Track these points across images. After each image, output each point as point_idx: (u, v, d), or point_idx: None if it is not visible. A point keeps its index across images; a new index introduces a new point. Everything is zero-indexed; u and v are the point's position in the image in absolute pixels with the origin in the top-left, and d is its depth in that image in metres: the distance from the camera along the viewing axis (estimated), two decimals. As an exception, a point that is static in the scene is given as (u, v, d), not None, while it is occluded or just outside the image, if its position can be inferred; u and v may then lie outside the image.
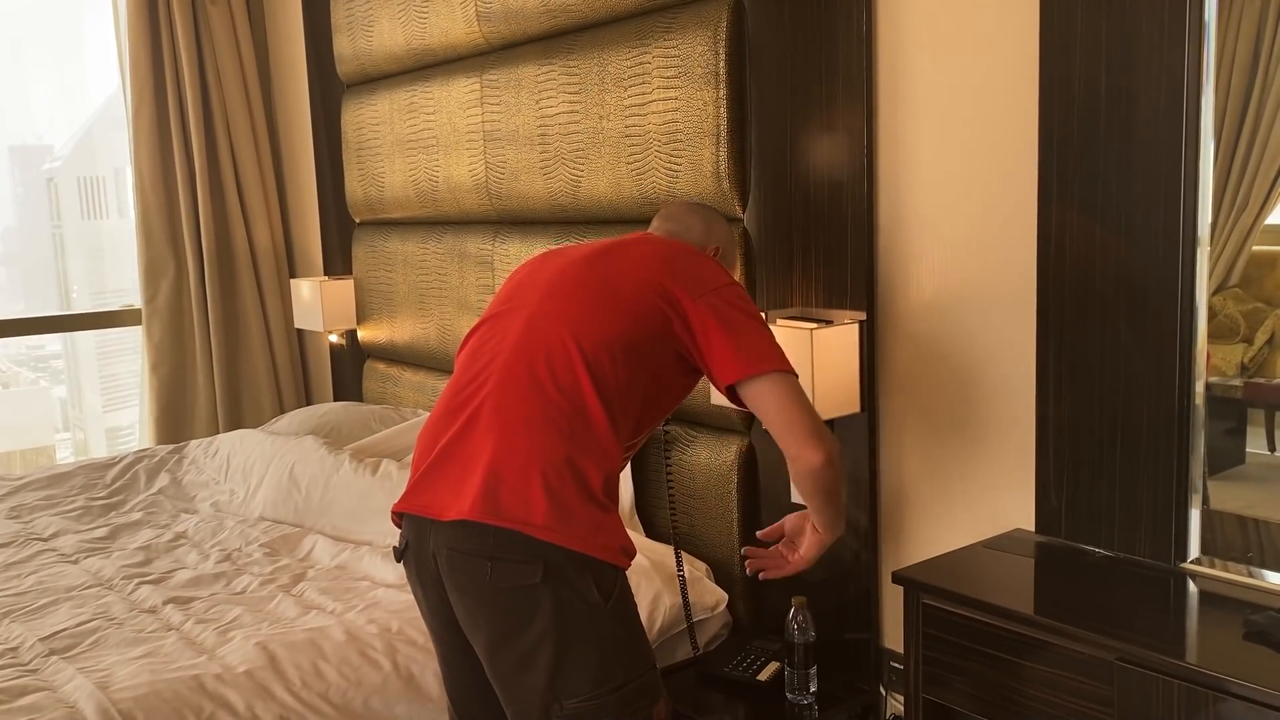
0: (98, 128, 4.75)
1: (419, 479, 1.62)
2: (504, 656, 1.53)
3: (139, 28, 3.88)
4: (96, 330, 4.42)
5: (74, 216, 4.79)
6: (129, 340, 4.52)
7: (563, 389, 1.57)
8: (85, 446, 5.09)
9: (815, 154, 2.15)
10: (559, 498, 1.51)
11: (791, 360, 2.00)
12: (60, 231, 4.81)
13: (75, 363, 5.13)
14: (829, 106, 2.12)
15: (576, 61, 2.63)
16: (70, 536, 2.66)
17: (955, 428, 2.03)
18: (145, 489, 3.04)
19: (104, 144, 4.69)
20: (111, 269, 4.75)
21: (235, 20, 4.07)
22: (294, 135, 4.16)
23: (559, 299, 1.67)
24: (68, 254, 4.75)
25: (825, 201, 2.15)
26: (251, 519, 2.71)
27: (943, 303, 2.02)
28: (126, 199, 4.72)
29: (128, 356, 4.67)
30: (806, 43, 2.13)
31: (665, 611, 2.18)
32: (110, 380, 4.90)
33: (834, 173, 2.12)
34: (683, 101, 2.35)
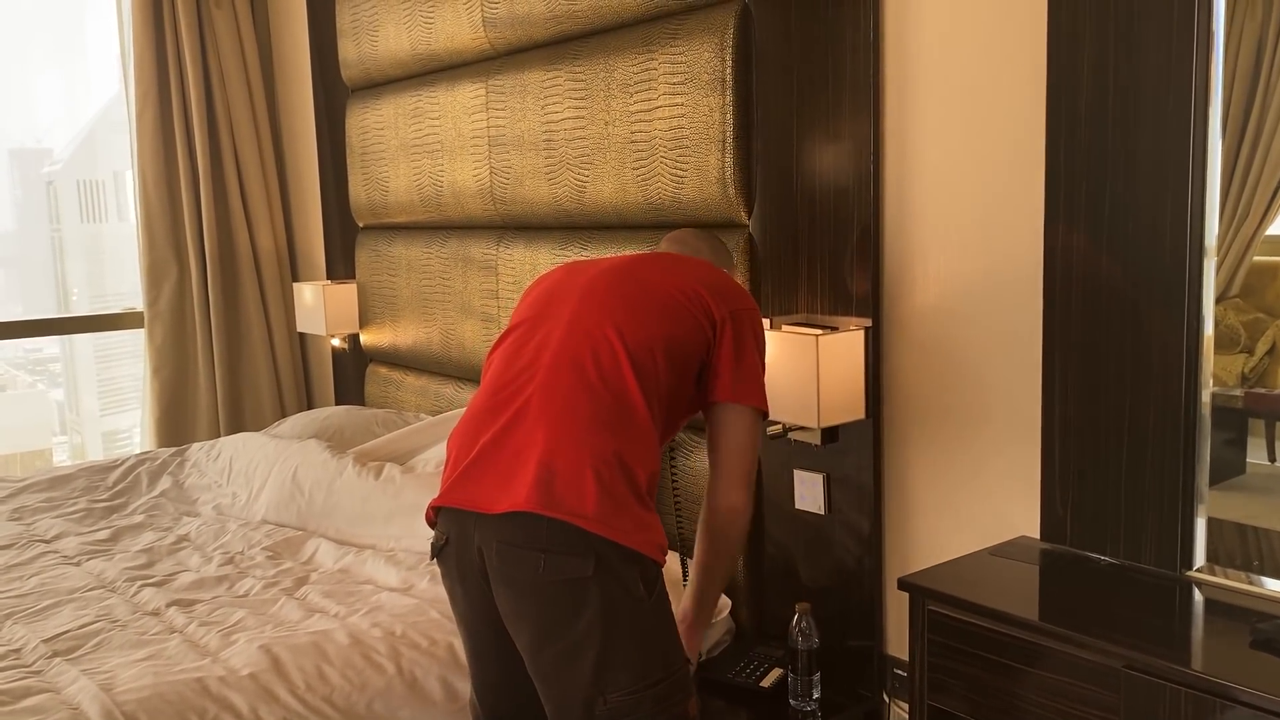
0: (98, 131, 4.76)
1: (462, 473, 1.61)
2: (549, 649, 1.54)
3: (143, 30, 3.88)
4: (96, 334, 4.42)
5: (73, 220, 4.80)
6: (127, 343, 4.52)
7: (609, 385, 1.60)
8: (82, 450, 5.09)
9: (821, 161, 2.16)
10: (610, 491, 1.52)
11: (797, 368, 2.01)
12: (59, 235, 4.81)
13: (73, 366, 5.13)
14: (835, 113, 2.12)
15: (583, 67, 2.64)
16: (72, 539, 2.65)
17: (960, 434, 2.04)
18: (147, 491, 3.03)
19: (104, 147, 4.70)
20: (110, 272, 4.75)
21: (239, 23, 4.07)
22: (298, 139, 4.16)
23: (600, 300, 1.70)
24: (66, 257, 4.75)
25: (831, 208, 2.15)
26: (254, 522, 2.71)
27: (948, 310, 2.03)
28: (126, 202, 4.73)
29: (126, 360, 4.67)
30: (813, 50, 2.14)
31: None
32: (108, 384, 4.90)
33: (840, 179, 2.13)
34: (689, 108, 2.35)
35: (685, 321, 1.70)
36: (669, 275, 1.76)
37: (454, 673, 1.95)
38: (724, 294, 1.76)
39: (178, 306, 4.05)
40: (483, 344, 3.13)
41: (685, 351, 1.69)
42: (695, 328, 1.71)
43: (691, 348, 1.70)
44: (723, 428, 1.73)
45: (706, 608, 1.83)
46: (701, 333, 1.71)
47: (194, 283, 4.03)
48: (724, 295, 1.76)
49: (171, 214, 4.01)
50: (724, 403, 1.72)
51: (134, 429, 4.84)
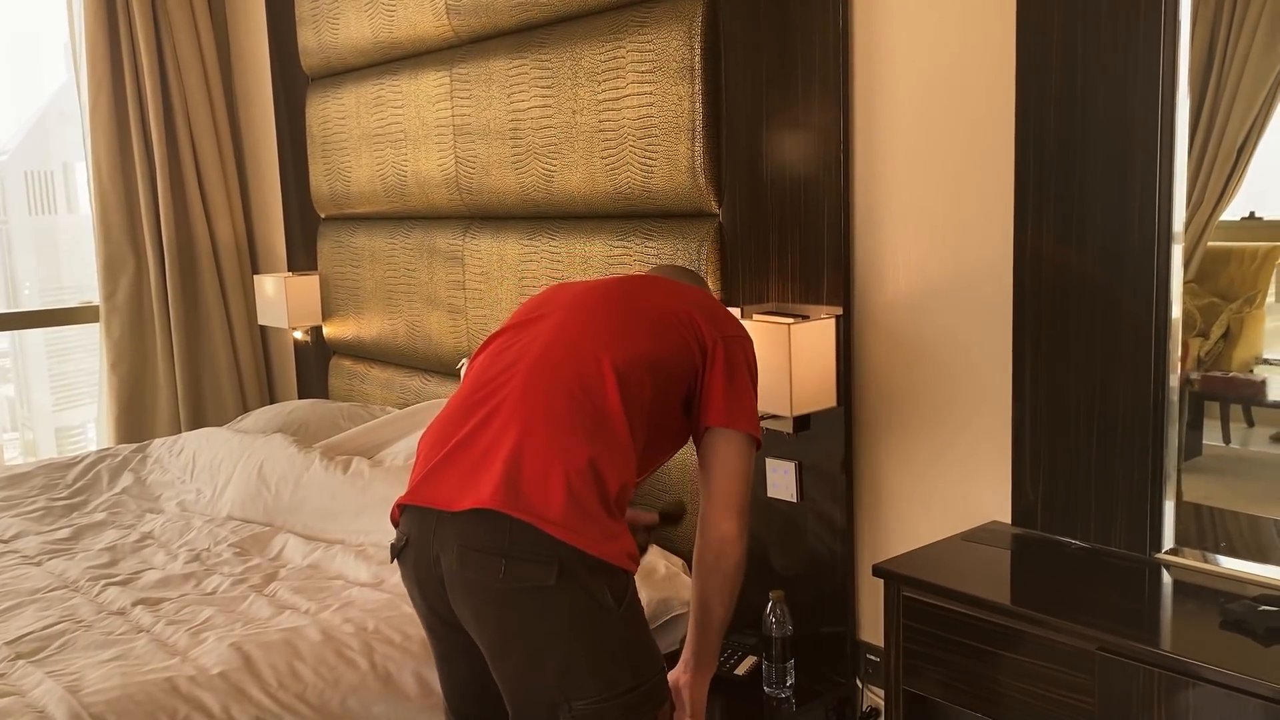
0: (47, 121, 4.65)
1: (429, 472, 1.57)
2: (512, 655, 1.51)
3: (95, 17, 3.79)
4: (48, 328, 4.33)
5: (21, 212, 4.68)
6: (79, 338, 4.43)
7: (589, 392, 1.56)
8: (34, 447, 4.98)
9: (791, 149, 2.16)
10: (578, 498, 1.48)
11: (769, 356, 2.01)
12: (7, 227, 4.70)
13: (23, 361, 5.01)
14: (805, 102, 2.12)
15: (549, 55, 2.61)
16: (32, 538, 2.60)
17: (931, 422, 2.05)
18: (108, 489, 2.98)
19: (53, 138, 4.59)
20: (62, 265, 4.65)
21: (195, 11, 3.99)
22: (256, 129, 4.10)
23: (589, 312, 1.67)
24: (14, 250, 4.64)
25: (801, 197, 2.15)
26: (219, 518, 2.67)
27: (918, 298, 2.04)
28: (76, 194, 4.63)
29: (78, 354, 4.58)
30: (782, 37, 2.14)
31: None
32: (60, 379, 4.80)
33: (810, 168, 2.13)
34: (658, 96, 2.34)
35: (674, 342, 1.66)
36: (663, 297, 1.73)
37: (428, 667, 1.94)
38: (717, 320, 1.73)
39: (135, 300, 3.97)
40: (449, 336, 3.10)
41: (671, 371, 1.65)
42: (684, 349, 1.67)
43: (678, 369, 1.66)
44: (714, 453, 1.68)
45: (707, 652, 1.73)
46: (690, 355, 1.67)
47: (152, 276, 3.96)
48: (717, 321, 1.73)
49: (127, 206, 3.93)
50: (716, 428, 1.68)
51: (88, 424, 4.74)
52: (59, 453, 4.71)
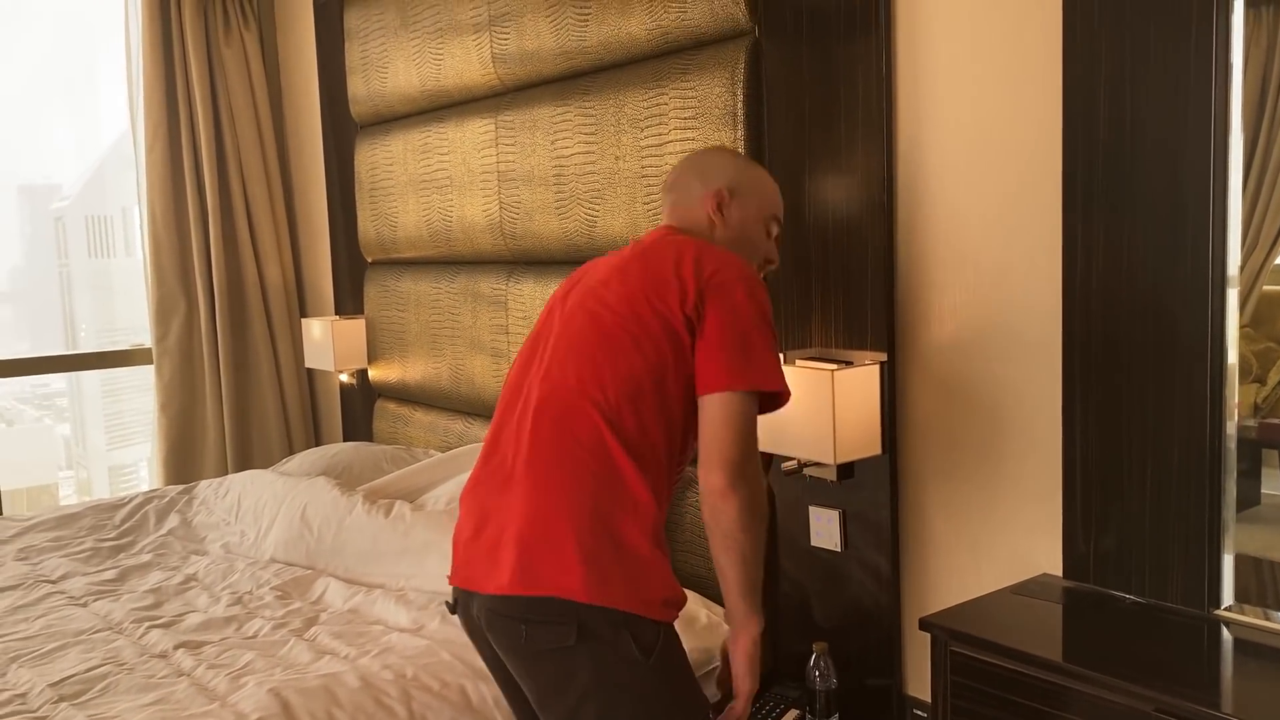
0: (107, 167, 4.78)
1: (459, 552, 1.64)
2: (552, 710, 1.54)
3: (153, 67, 3.90)
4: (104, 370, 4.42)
5: (81, 255, 4.81)
6: (134, 378, 4.51)
7: (583, 443, 1.54)
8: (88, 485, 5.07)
9: (834, 193, 2.15)
10: (593, 556, 1.48)
11: (813, 403, 1.98)
12: (67, 269, 4.82)
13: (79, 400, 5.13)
14: (848, 146, 2.11)
15: (592, 103, 2.63)
16: (79, 579, 2.62)
17: (979, 470, 2.01)
18: (155, 530, 3.01)
19: (113, 183, 4.72)
20: (118, 307, 4.76)
21: (249, 60, 4.10)
22: (306, 175, 4.17)
23: (566, 350, 1.63)
24: (74, 292, 4.77)
25: (844, 241, 2.14)
26: (263, 561, 2.68)
27: (965, 343, 2.01)
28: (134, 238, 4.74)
29: (131, 394, 4.66)
30: (825, 82, 2.14)
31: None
32: (114, 418, 4.89)
33: (853, 212, 2.12)
34: (700, 142, 2.35)
35: (648, 350, 1.59)
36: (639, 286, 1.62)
37: (466, 716, 1.92)
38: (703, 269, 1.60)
39: (186, 342, 4.04)
40: (492, 379, 3.11)
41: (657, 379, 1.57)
42: (660, 351, 1.58)
43: (665, 371, 1.58)
44: (702, 419, 1.59)
45: (734, 615, 1.62)
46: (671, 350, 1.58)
47: (202, 318, 4.03)
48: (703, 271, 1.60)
49: (180, 250, 4.01)
50: (702, 398, 1.58)
51: (140, 463, 4.82)
52: (112, 490, 4.79)
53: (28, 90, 4.23)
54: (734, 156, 1.86)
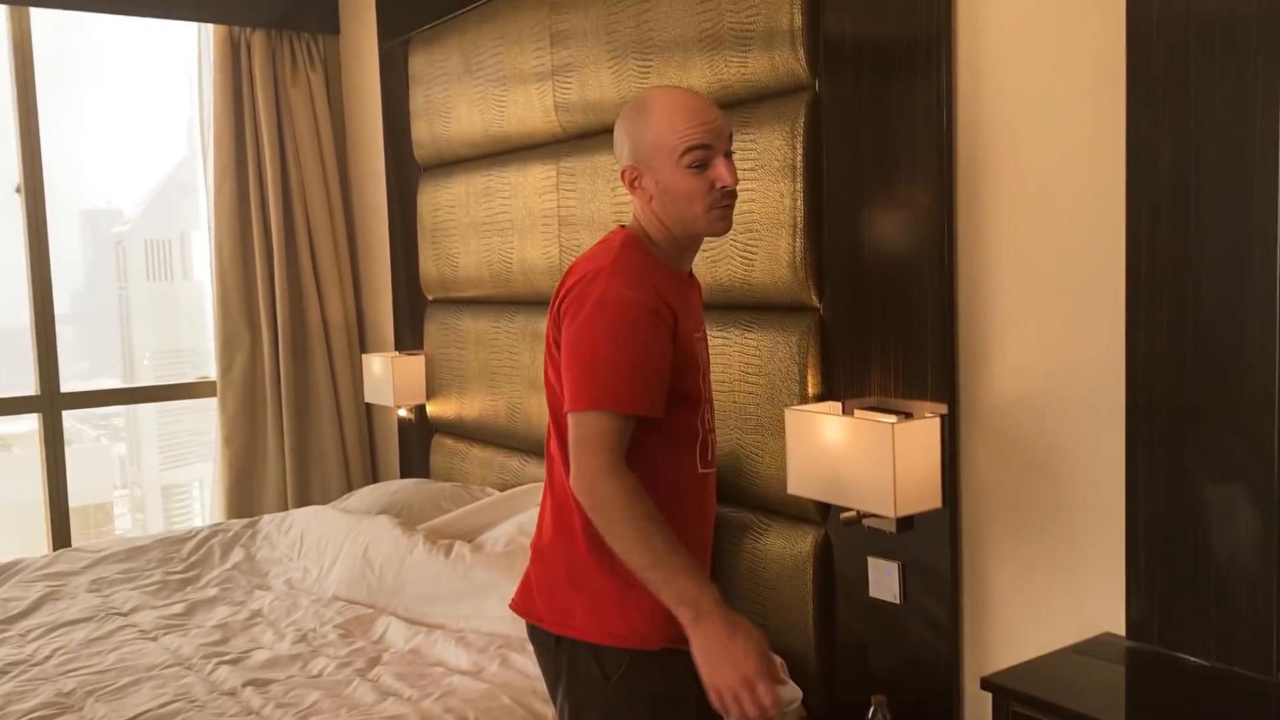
0: (166, 192, 4.92)
1: None
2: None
3: (223, 107, 4.04)
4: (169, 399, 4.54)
5: (140, 278, 4.95)
6: (188, 400, 4.63)
7: (553, 475, 1.69)
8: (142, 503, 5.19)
9: (893, 244, 2.17)
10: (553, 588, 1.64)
11: (872, 454, 1.99)
12: (126, 293, 4.96)
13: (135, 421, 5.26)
14: (907, 197, 2.13)
15: (652, 151, 2.68)
16: (149, 612, 2.70)
17: (1040, 526, 2.00)
18: (220, 564, 3.08)
19: (172, 208, 4.86)
20: (174, 330, 4.90)
21: (315, 102, 4.21)
22: (368, 214, 4.27)
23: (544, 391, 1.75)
24: (133, 315, 4.90)
25: (904, 292, 2.15)
26: (325, 598, 2.74)
27: (1026, 398, 2.01)
28: (191, 262, 4.90)
29: (186, 415, 4.78)
30: (884, 131, 2.16)
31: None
32: (168, 439, 5.00)
33: (913, 263, 2.13)
34: (759, 193, 2.38)
35: (552, 378, 1.65)
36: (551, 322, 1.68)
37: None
38: (554, 303, 1.65)
39: (250, 376, 4.14)
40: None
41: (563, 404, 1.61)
42: (556, 377, 1.62)
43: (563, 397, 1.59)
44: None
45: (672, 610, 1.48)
46: (558, 380, 1.60)
47: (266, 353, 4.13)
48: (554, 304, 1.65)
49: (245, 286, 4.12)
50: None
51: (192, 484, 4.95)
52: (165, 510, 4.91)
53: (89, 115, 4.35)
54: (625, 118, 1.65)
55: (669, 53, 2.60)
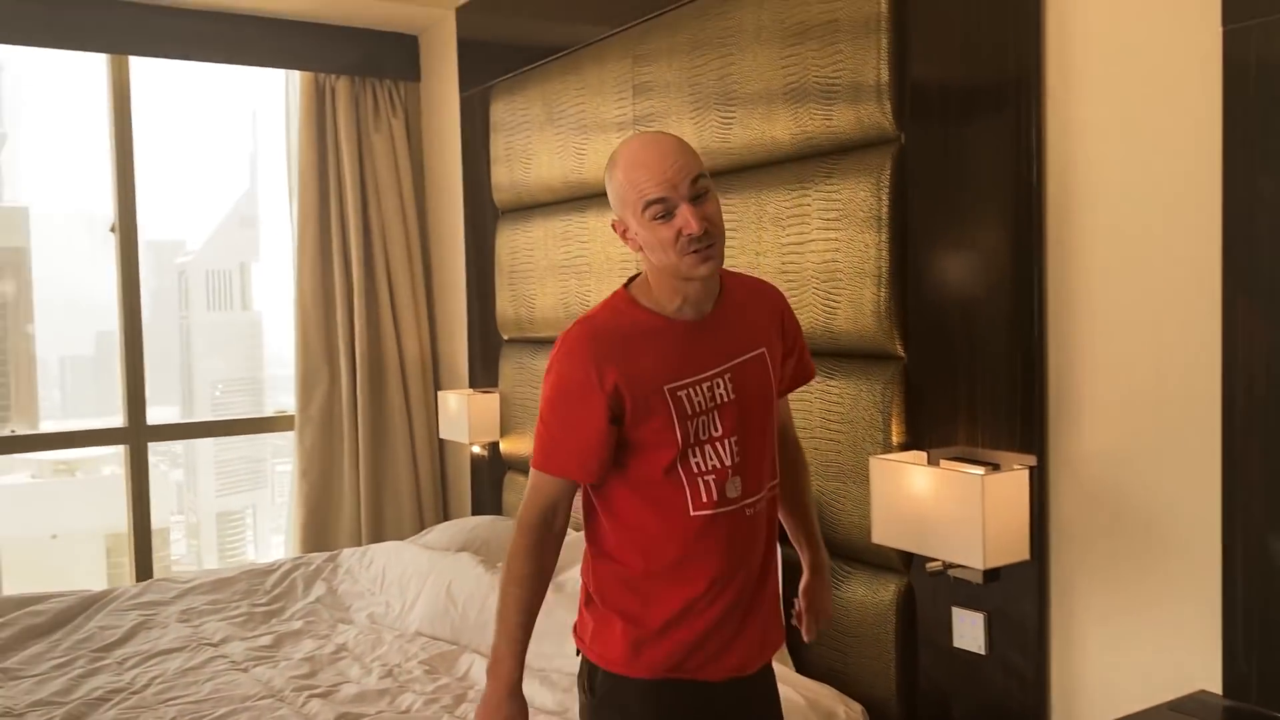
0: (228, 225, 5.09)
1: None
2: None
3: (308, 150, 4.18)
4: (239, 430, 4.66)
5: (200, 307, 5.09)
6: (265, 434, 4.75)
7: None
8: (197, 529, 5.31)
9: (979, 292, 2.18)
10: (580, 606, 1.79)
11: (958, 504, 2.01)
12: (188, 321, 5.12)
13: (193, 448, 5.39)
14: (994, 244, 2.15)
15: (733, 200, 2.73)
16: (238, 643, 2.77)
17: (1132, 580, 1.99)
18: (303, 597, 3.15)
19: (233, 240, 5.02)
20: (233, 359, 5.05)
21: (396, 147, 4.34)
22: (445, 255, 4.38)
23: None
24: (193, 342, 5.04)
25: (991, 342, 2.17)
26: (408, 634, 2.79)
27: (1118, 450, 2.01)
28: (251, 292, 5.06)
29: (240, 444, 4.91)
30: (971, 180, 2.18)
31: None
32: (224, 466, 5.13)
33: (1000, 312, 2.15)
34: (843, 243, 2.41)
35: None
36: None
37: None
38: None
39: (328, 412, 4.25)
40: (625, 460, 3.19)
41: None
42: None
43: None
44: None
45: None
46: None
47: (344, 389, 4.23)
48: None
49: (325, 324, 4.24)
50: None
51: (246, 511, 5.08)
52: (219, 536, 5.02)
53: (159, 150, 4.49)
54: (606, 174, 1.71)
55: (752, 105, 2.65)
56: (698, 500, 1.70)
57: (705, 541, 1.72)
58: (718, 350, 1.74)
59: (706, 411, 1.71)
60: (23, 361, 4.60)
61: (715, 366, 1.73)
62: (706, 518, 1.71)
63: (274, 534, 5.40)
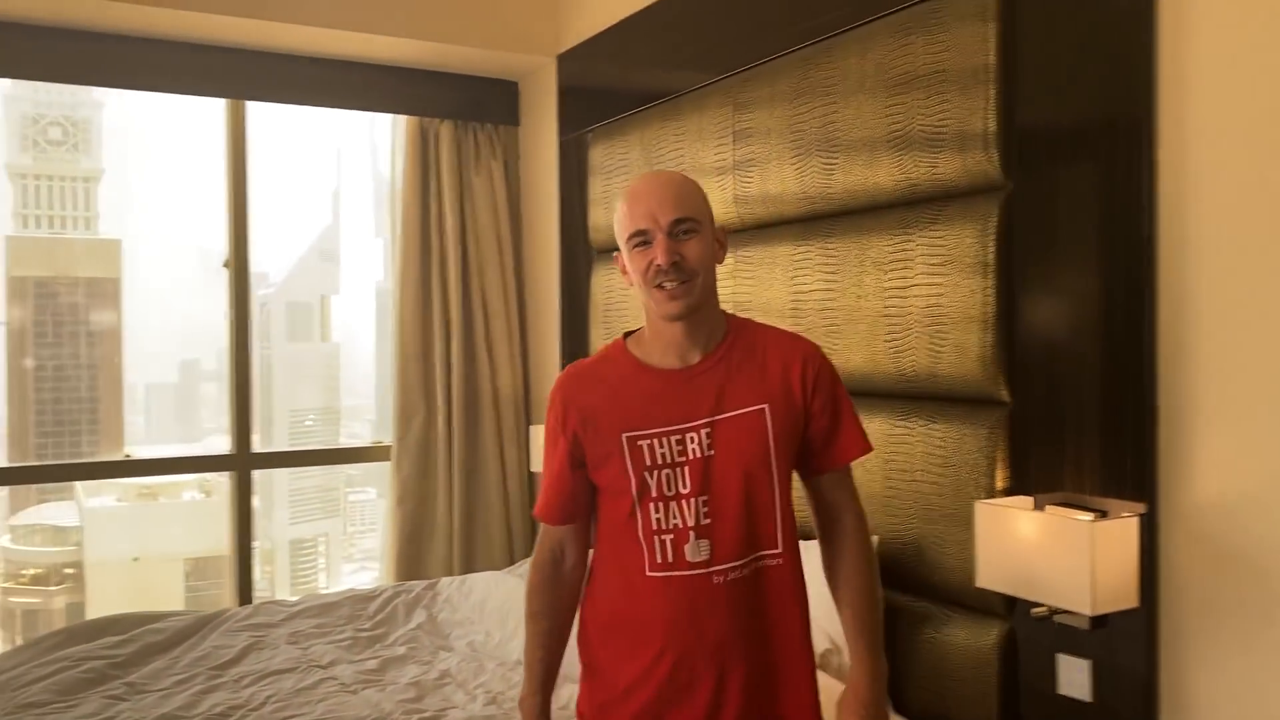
0: (308, 259, 5.27)
1: None
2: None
3: (412, 191, 4.35)
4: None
5: (281, 339, 5.26)
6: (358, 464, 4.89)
7: None
8: (271, 556, 5.46)
9: (1090, 341, 2.19)
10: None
11: (1065, 551, 2.02)
12: (268, 353, 5.29)
13: (269, 476, 5.56)
14: (1106, 294, 2.16)
15: (835, 244, 2.78)
16: (346, 666, 2.87)
17: (1249, 632, 1.97)
18: (404, 624, 3.25)
19: (313, 274, 5.20)
20: (311, 391, 5.20)
21: (495, 188, 4.49)
22: (539, 293, 4.49)
23: None
24: (274, 374, 5.20)
25: (1099, 388, 2.17)
26: (510, 662, 2.86)
27: (1231, 501, 2.00)
28: (330, 324, 5.22)
29: (314, 473, 5.06)
30: (1081, 223, 2.20)
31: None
32: (297, 494, 5.26)
33: (1110, 360, 2.15)
34: (948, 288, 2.45)
35: None
36: None
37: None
38: None
39: (424, 443, 4.37)
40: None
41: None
42: None
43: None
44: None
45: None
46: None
47: (439, 421, 4.36)
48: None
49: (424, 357, 4.38)
50: None
51: (319, 539, 5.22)
52: (292, 564, 5.16)
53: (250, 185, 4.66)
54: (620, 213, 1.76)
55: (855, 151, 2.71)
56: (653, 560, 1.64)
57: (658, 605, 1.64)
58: (698, 402, 1.66)
59: (671, 465, 1.64)
60: (111, 388, 4.82)
61: (691, 420, 1.65)
62: (660, 580, 1.63)
63: (346, 563, 5.54)
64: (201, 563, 5.14)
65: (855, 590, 1.75)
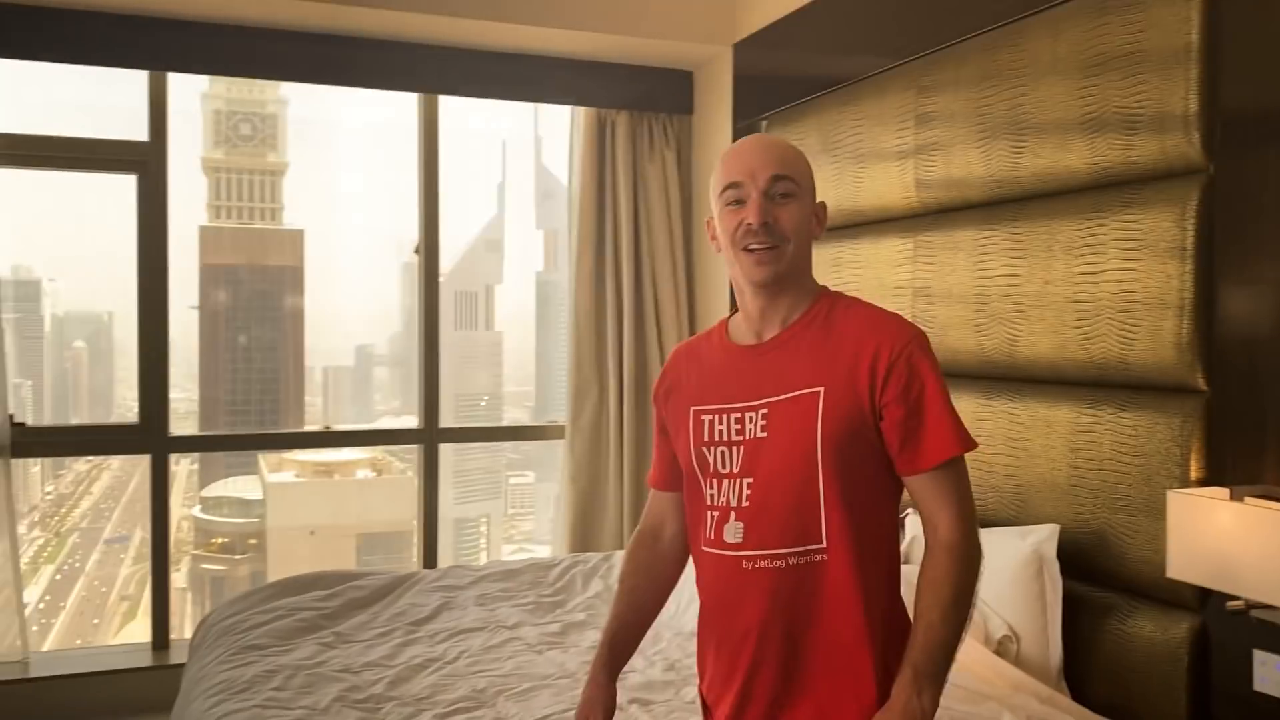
0: (476, 249, 5.49)
1: None
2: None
3: (589, 181, 4.50)
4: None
5: (449, 326, 5.50)
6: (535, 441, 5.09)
7: None
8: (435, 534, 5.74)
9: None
10: None
11: (1268, 543, 1.97)
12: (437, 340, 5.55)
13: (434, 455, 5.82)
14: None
15: (1021, 229, 2.75)
16: (530, 628, 3.03)
17: None
18: (582, 591, 3.39)
19: (480, 264, 5.42)
20: (475, 376, 5.42)
21: (668, 177, 4.60)
22: (708, 280, 4.57)
23: None
24: (441, 359, 5.45)
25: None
26: (685, 632, 2.95)
27: None
28: (494, 312, 5.44)
29: (478, 454, 5.28)
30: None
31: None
32: (461, 475, 5.49)
33: (1319, 353, 2.08)
34: (1141, 273, 2.39)
35: None
36: None
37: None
38: None
39: (595, 424, 4.53)
40: (892, 483, 3.25)
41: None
42: None
43: None
44: None
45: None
46: None
47: (610, 403, 4.51)
48: None
49: (597, 342, 4.54)
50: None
51: (480, 519, 5.44)
52: (455, 542, 5.40)
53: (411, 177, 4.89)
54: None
55: (1045, 134, 2.67)
56: (705, 536, 1.62)
57: (706, 581, 1.66)
58: (761, 382, 1.58)
59: (727, 444, 1.58)
60: (295, 369, 5.18)
61: (751, 399, 1.58)
62: (709, 556, 1.62)
63: (506, 544, 5.77)
64: (372, 537, 5.46)
65: (917, 613, 1.53)
